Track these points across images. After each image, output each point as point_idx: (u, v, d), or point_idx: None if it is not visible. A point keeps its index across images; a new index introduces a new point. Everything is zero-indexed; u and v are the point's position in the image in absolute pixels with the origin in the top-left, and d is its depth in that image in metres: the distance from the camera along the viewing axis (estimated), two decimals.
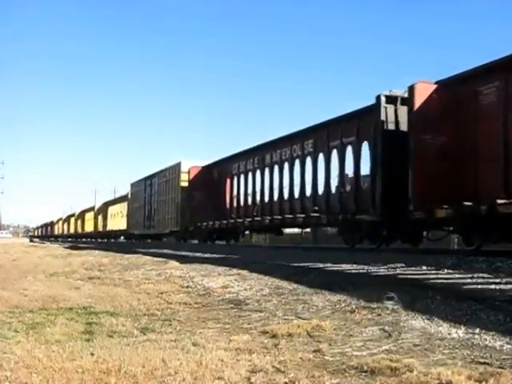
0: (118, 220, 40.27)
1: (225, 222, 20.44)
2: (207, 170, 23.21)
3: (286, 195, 16.78)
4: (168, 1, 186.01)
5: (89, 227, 50.74)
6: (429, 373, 3.24)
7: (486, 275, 7.16)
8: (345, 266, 9.58)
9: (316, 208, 14.54)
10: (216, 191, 21.91)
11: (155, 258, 14.31)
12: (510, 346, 3.86)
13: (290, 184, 16.50)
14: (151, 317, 5.85)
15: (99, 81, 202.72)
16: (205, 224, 22.14)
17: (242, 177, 20.01)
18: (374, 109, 12.40)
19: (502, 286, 6.29)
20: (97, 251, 22.51)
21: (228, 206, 20.99)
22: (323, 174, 14.67)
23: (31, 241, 67.08)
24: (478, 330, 4.30)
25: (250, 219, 18.42)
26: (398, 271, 8.53)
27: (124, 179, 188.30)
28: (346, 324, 4.92)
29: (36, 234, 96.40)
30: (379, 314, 5.15)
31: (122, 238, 42.03)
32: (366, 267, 9.14)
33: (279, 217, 16.48)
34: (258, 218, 17.85)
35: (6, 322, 5.52)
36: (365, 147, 13.14)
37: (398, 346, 4.06)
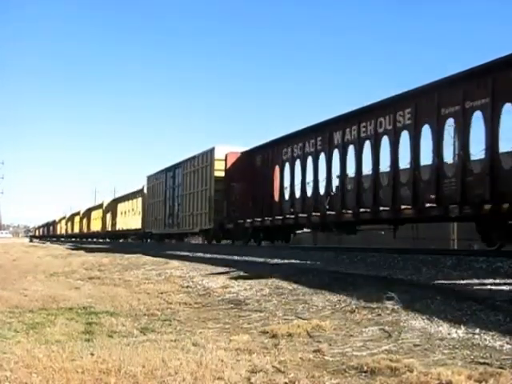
0: (129, 218, 35.87)
1: (279, 218, 16.12)
2: (248, 156, 19.17)
3: (366, 183, 13.10)
4: (168, 1, 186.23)
5: (95, 226, 46.33)
6: (429, 373, 3.24)
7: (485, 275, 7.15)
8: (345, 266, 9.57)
9: (432, 196, 10.77)
10: (260, 181, 18.07)
11: (155, 258, 14.30)
12: (509, 346, 3.86)
13: (375, 169, 12.67)
14: (151, 317, 5.85)
15: (99, 81, 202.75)
16: (249, 221, 17.79)
17: (298, 162, 15.96)
18: None
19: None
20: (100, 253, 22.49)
21: (277, 198, 17.06)
22: (430, 152, 11.10)
23: (31, 241, 66.96)
24: (477, 330, 4.31)
25: (318, 214, 14.20)
26: (398, 271, 8.52)
27: (124, 179, 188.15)
28: (345, 324, 4.92)
29: (37, 233, 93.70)
30: (379, 314, 5.15)
31: (130, 239, 37.96)
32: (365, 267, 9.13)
33: (367, 210, 12.44)
34: (332, 213, 13.59)
35: (6, 322, 5.53)
36: (507, 111, 9.60)
37: (398, 346, 4.06)
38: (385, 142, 12.34)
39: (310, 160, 15.37)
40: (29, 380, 3.37)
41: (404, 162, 11.91)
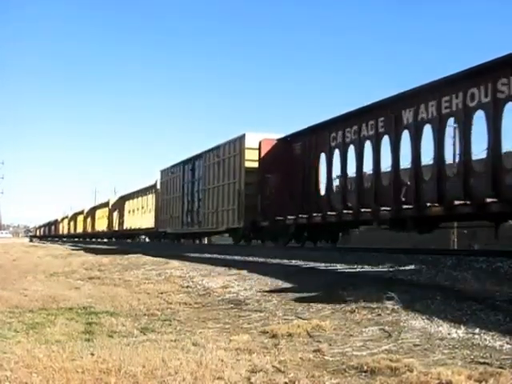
0: (138, 216, 32.93)
1: (332, 213, 13.39)
2: (285, 144, 16.51)
3: (449, 170, 10.94)
4: (168, 1, 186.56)
5: (100, 226, 43.46)
6: (429, 373, 3.24)
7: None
8: (345, 266, 9.57)
9: None
10: (300, 172, 15.52)
11: (155, 258, 14.31)
12: (509, 346, 3.86)
13: (464, 153, 10.33)
14: (151, 317, 5.85)
15: (99, 81, 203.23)
16: (291, 218, 15.03)
17: (352, 149, 13.38)
18: None
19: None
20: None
21: (323, 191, 14.61)
22: None
23: (31, 241, 66.83)
24: (477, 330, 4.31)
25: (388, 208, 11.59)
26: (397, 272, 8.52)
27: (124, 179, 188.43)
28: (346, 324, 4.92)
29: (38, 233, 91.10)
30: (379, 314, 5.16)
31: (143, 237, 35.19)
32: (365, 267, 9.13)
33: (466, 202, 9.81)
34: (409, 206, 11.06)
35: (6, 322, 5.53)
36: None
37: (398, 346, 4.06)
38: (478, 118, 9.86)
39: (367, 145, 12.85)
40: (29, 380, 3.37)
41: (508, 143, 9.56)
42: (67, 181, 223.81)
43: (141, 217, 32.44)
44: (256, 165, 16.97)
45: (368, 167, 13.02)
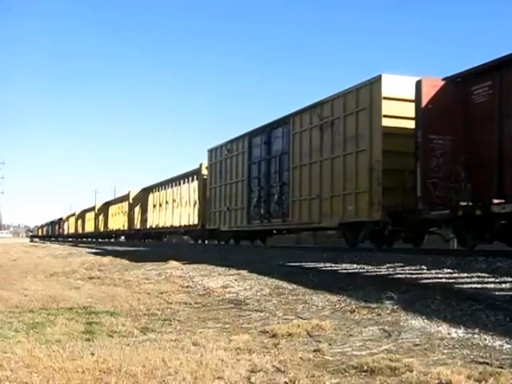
0: (168, 212, 26.98)
1: None
2: (455, 87, 10.36)
3: None
4: (168, 1, 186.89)
5: (116, 224, 37.38)
6: (428, 372, 3.24)
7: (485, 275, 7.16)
8: (344, 266, 9.57)
9: None
10: (486, 130, 9.80)
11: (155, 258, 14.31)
12: (509, 346, 3.86)
13: None
14: (151, 316, 5.85)
15: (99, 80, 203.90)
16: (499, 203, 9.13)
17: None
18: None
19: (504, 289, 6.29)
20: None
21: None
22: None
23: (31, 241, 66.61)
24: (477, 330, 4.31)
25: None
26: (398, 271, 8.53)
27: (124, 179, 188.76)
28: (345, 324, 4.92)
29: (40, 233, 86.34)
30: (379, 314, 5.16)
31: (165, 238, 30.65)
32: (365, 267, 9.13)
33: None
34: None
35: (7, 322, 5.52)
36: None
37: (398, 346, 4.07)
38: None
39: None
40: (29, 380, 3.37)
41: None
42: (67, 181, 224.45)
43: (172, 212, 26.35)
44: (399, 123, 11.34)
45: None
